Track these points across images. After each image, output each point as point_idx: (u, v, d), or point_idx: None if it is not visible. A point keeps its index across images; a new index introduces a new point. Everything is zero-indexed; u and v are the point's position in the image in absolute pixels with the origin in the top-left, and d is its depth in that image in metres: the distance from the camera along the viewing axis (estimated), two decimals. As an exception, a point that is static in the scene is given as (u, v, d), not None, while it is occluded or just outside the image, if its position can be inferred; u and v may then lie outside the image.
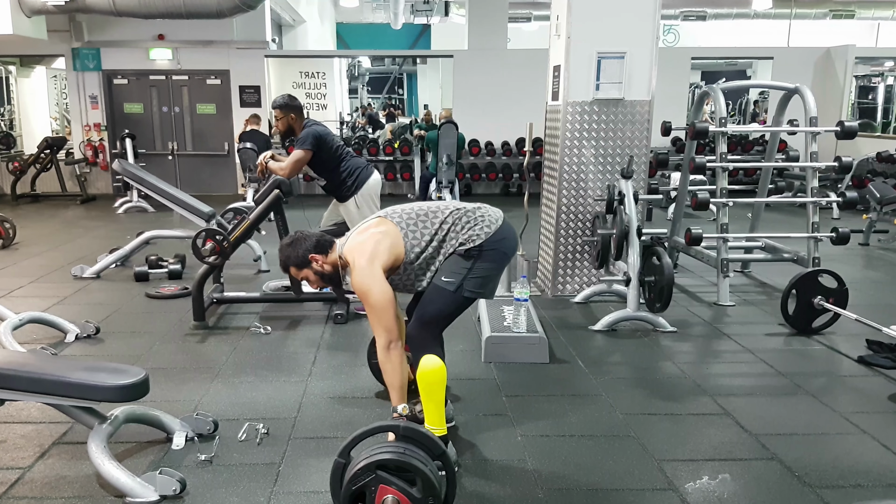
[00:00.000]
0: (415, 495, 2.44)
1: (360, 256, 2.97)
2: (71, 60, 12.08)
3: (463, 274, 3.04)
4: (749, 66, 17.12)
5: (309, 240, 3.11)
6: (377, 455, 2.48)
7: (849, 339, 4.73)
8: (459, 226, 3.09)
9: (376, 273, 2.93)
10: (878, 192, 7.98)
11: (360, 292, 2.93)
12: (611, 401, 3.79)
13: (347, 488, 2.47)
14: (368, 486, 2.45)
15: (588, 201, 5.69)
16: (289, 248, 3.12)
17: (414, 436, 2.55)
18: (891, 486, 2.94)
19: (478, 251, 3.06)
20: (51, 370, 2.94)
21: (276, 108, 5.16)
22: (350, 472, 2.48)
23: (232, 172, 12.32)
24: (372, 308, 2.91)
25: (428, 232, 3.07)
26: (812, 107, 5.74)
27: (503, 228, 3.17)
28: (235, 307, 5.48)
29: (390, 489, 2.44)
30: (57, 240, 8.35)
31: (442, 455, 2.54)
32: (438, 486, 2.48)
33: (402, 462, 2.45)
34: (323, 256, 3.10)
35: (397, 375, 2.89)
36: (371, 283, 2.90)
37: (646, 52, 5.47)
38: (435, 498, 2.46)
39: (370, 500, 2.46)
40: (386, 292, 2.93)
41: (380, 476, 2.45)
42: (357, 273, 2.94)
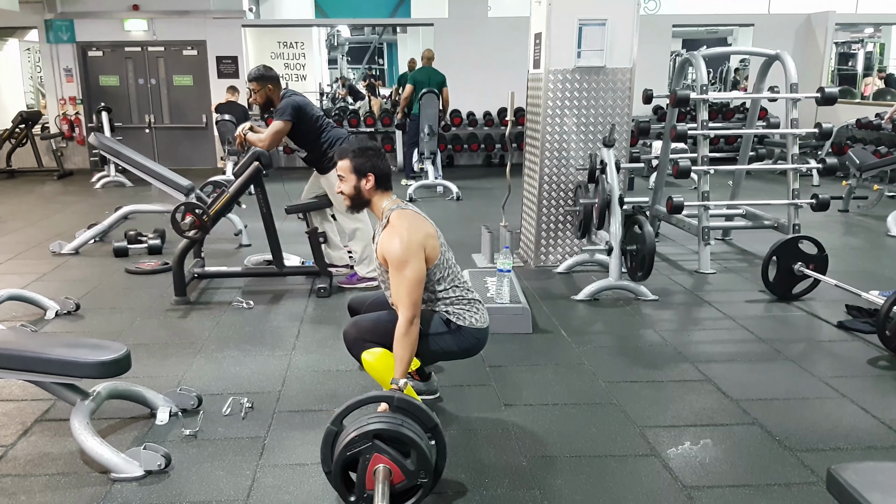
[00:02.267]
0: (408, 467, 2.45)
1: (416, 229, 2.92)
2: (44, 32, 11.85)
3: (434, 329, 3.04)
4: (730, 34, 17.06)
5: (383, 162, 3.06)
6: (375, 424, 2.48)
7: (828, 305, 4.79)
8: (460, 300, 3.10)
9: (420, 252, 2.89)
10: (858, 159, 8.03)
11: (398, 259, 2.86)
12: (593, 369, 3.82)
13: (342, 454, 2.46)
14: (363, 453, 2.45)
15: (570, 171, 5.68)
16: (364, 150, 3.06)
17: (408, 408, 2.55)
18: (869, 448, 2.99)
19: (456, 328, 3.06)
20: (31, 347, 2.92)
21: (252, 81, 5.06)
22: (345, 438, 2.48)
23: (211, 145, 12.20)
24: (406, 280, 2.85)
25: (441, 279, 3.05)
26: (793, 73, 5.74)
27: (485, 331, 3.17)
28: (217, 282, 5.45)
29: (384, 459, 2.45)
30: (34, 216, 8.25)
31: (434, 428, 2.55)
32: (431, 461, 2.49)
33: (399, 434, 2.46)
34: (375, 187, 3.04)
35: (409, 350, 2.85)
36: (413, 256, 2.86)
37: (627, 20, 5.43)
38: (427, 472, 2.48)
39: (362, 467, 2.46)
40: (422, 270, 2.89)
41: (376, 445, 2.45)
42: (402, 239, 2.87)
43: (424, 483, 2.49)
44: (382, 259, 2.98)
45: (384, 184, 3.06)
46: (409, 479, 2.47)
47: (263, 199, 5.10)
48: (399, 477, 2.46)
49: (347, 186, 3.06)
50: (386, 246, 2.92)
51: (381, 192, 3.07)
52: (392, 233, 2.91)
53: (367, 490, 2.46)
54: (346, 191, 3.07)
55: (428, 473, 2.48)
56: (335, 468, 2.50)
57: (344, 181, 3.07)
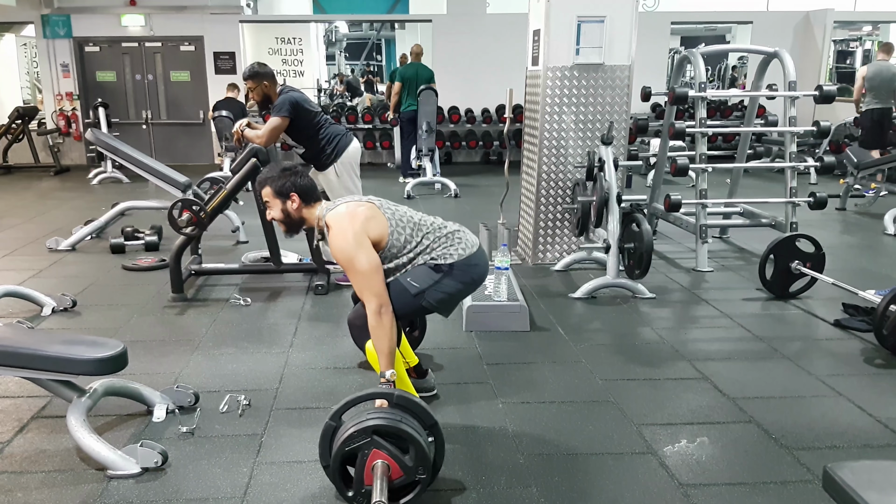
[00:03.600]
0: (406, 463, 2.45)
1: (349, 224, 2.93)
2: (41, 27, 11.81)
3: (429, 284, 3.04)
4: (728, 31, 17.06)
5: (303, 179, 3.07)
6: (374, 420, 2.48)
7: (825, 303, 4.79)
8: (437, 244, 3.08)
9: (363, 241, 2.90)
10: (856, 157, 8.02)
11: (345, 258, 2.89)
12: (590, 367, 3.82)
13: (340, 449, 2.46)
14: (362, 449, 2.45)
15: (568, 168, 5.68)
16: (279, 173, 3.07)
17: (408, 405, 2.55)
18: (866, 446, 3.00)
19: (448, 268, 3.05)
20: (28, 344, 2.91)
21: (247, 80, 5.03)
22: (343, 434, 2.48)
23: (208, 141, 12.18)
24: (359, 274, 2.88)
25: (408, 240, 3.05)
26: (791, 71, 5.74)
27: (477, 255, 3.15)
28: (214, 279, 5.44)
29: (383, 454, 2.45)
30: (31, 212, 8.23)
31: (433, 426, 2.55)
32: (430, 457, 2.49)
33: (399, 430, 2.45)
34: (303, 203, 3.06)
35: (387, 340, 2.85)
36: (357, 249, 2.88)
37: (626, 17, 5.43)
38: (426, 468, 2.48)
39: (361, 463, 2.46)
40: (373, 258, 2.90)
41: (375, 441, 2.44)
42: (341, 238, 2.90)
43: (423, 479, 2.49)
44: (339, 264, 3.01)
45: (309, 198, 3.08)
46: (408, 475, 2.47)
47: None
48: (397, 473, 2.46)
49: (276, 212, 3.08)
50: (333, 250, 2.96)
51: (310, 207, 3.09)
52: (333, 236, 2.95)
53: (366, 485, 2.46)
54: (276, 216, 3.10)
55: (426, 470, 2.48)
56: (333, 463, 2.50)
57: (271, 208, 3.09)
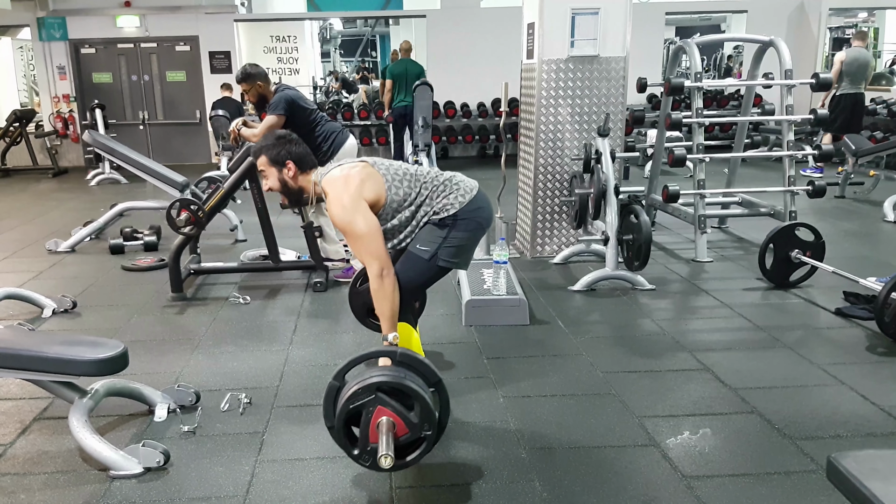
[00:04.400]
0: (412, 420, 2.42)
1: (345, 188, 2.87)
2: (36, 30, 11.80)
3: (438, 243, 2.98)
4: (723, 21, 17.01)
5: (298, 146, 3.04)
6: (378, 377, 2.45)
7: (826, 292, 4.79)
8: (435, 193, 3.02)
9: (360, 204, 2.85)
10: (854, 145, 8.01)
11: (343, 222, 2.84)
12: (591, 360, 3.82)
13: (345, 407, 2.43)
14: (367, 406, 2.42)
15: (565, 161, 5.67)
16: (274, 141, 3.03)
17: (411, 362, 2.52)
18: (869, 435, 2.99)
19: (452, 220, 2.99)
20: (28, 346, 2.90)
21: (241, 82, 5.13)
22: (348, 391, 2.44)
23: (205, 141, 12.16)
24: (359, 238, 2.83)
25: (407, 193, 2.99)
26: (787, 59, 5.73)
27: (478, 198, 3.08)
28: (213, 277, 5.43)
29: (388, 411, 2.41)
30: (30, 214, 8.23)
31: (438, 383, 2.51)
32: (435, 414, 2.46)
33: (403, 386, 2.42)
34: (299, 170, 3.02)
35: (389, 303, 2.81)
36: (354, 213, 2.83)
37: (620, 8, 5.41)
38: (431, 424, 2.44)
39: (365, 421, 2.42)
40: (371, 220, 2.85)
41: (379, 398, 2.41)
42: (338, 203, 2.85)
43: (428, 436, 2.46)
44: (338, 229, 2.97)
45: (305, 165, 3.03)
46: (413, 432, 2.44)
47: (258, 194, 5.08)
48: (403, 430, 2.43)
49: (273, 181, 3.04)
50: (331, 216, 2.90)
51: (306, 174, 3.04)
52: (330, 202, 2.89)
53: (371, 443, 2.42)
54: (273, 186, 3.05)
55: (432, 426, 2.44)
56: (338, 422, 2.46)
57: (267, 178, 3.05)
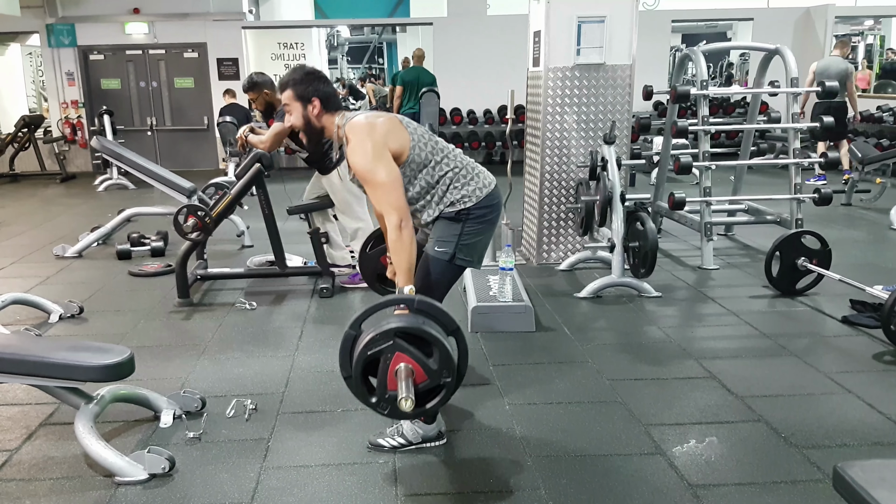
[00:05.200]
0: (431, 366, 2.38)
1: (369, 134, 2.77)
2: (46, 37, 11.87)
3: (454, 241, 2.88)
4: (729, 28, 17.02)
5: (326, 85, 2.92)
6: (396, 322, 2.41)
7: (832, 300, 4.77)
8: (458, 177, 2.91)
9: (384, 153, 2.74)
10: (860, 152, 8.00)
11: (363, 169, 2.74)
12: (597, 367, 3.81)
13: (362, 353, 2.38)
14: (384, 352, 2.38)
15: (571, 168, 5.67)
16: (303, 76, 2.91)
17: (429, 310, 2.47)
18: (876, 444, 2.98)
19: (466, 214, 2.90)
20: (35, 351, 2.92)
21: (248, 91, 5.18)
22: (365, 338, 2.40)
23: (212, 147, 12.20)
24: (380, 186, 2.73)
25: (429, 157, 2.87)
26: (793, 67, 5.73)
27: (494, 193, 2.99)
28: (220, 283, 5.44)
29: (406, 357, 2.37)
30: (37, 219, 8.26)
31: (456, 331, 2.47)
32: (454, 360, 2.42)
33: (421, 331, 2.37)
34: (324, 110, 2.89)
35: (407, 255, 2.70)
36: (376, 161, 2.72)
37: (626, 16, 5.42)
38: (450, 371, 2.40)
39: (384, 368, 2.38)
40: (393, 171, 2.75)
41: (397, 343, 2.37)
42: (360, 150, 2.75)
43: (448, 383, 2.42)
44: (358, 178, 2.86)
45: (331, 105, 2.91)
46: (432, 379, 2.40)
47: (265, 200, 5.10)
48: (421, 377, 2.39)
49: (296, 117, 2.92)
50: (352, 162, 2.80)
51: (330, 115, 2.92)
52: (352, 148, 2.79)
53: (389, 391, 2.38)
54: (296, 122, 2.94)
55: (451, 373, 2.40)
56: (355, 371, 2.42)
57: (291, 113, 2.93)
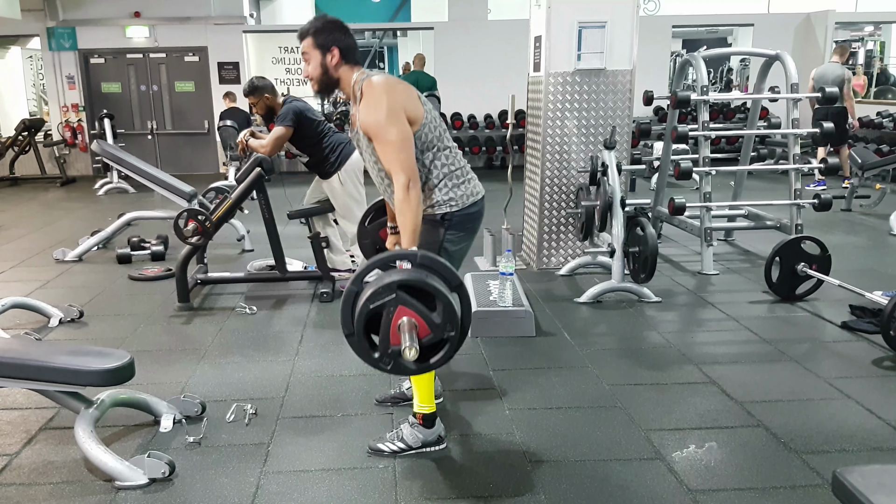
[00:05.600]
0: (434, 320, 2.35)
1: (386, 93, 2.72)
2: (46, 40, 11.90)
3: (435, 250, 2.82)
4: (730, 34, 17.05)
5: (347, 37, 2.86)
6: (398, 275, 2.38)
7: (832, 305, 4.77)
8: (453, 175, 2.89)
9: (398, 113, 2.70)
10: (860, 158, 8.01)
11: (375, 125, 2.70)
12: (597, 372, 3.81)
13: (364, 307, 2.35)
14: (387, 306, 2.34)
15: (572, 173, 5.68)
16: (326, 24, 2.85)
17: (432, 265, 2.44)
18: (875, 449, 2.98)
19: (449, 219, 2.88)
20: (35, 355, 2.92)
21: (248, 96, 5.18)
22: (367, 292, 2.36)
23: (213, 151, 12.22)
24: (391, 144, 2.68)
25: (435, 141, 2.85)
26: (793, 73, 5.74)
27: (479, 203, 2.98)
28: (220, 287, 5.45)
29: (409, 311, 2.34)
30: (37, 223, 8.27)
31: (459, 286, 2.45)
32: (458, 314, 2.39)
33: (425, 284, 2.34)
34: (343, 60, 2.83)
35: (413, 216, 2.67)
36: (389, 118, 2.68)
37: (627, 21, 5.43)
38: (454, 325, 2.37)
39: (386, 321, 2.35)
40: (405, 130, 2.71)
41: (400, 297, 2.33)
42: (374, 106, 2.70)
43: (451, 337, 2.39)
44: (365, 135, 2.79)
45: (350, 57, 2.86)
46: (436, 333, 2.37)
47: (265, 204, 5.10)
48: (425, 331, 2.36)
49: (313, 66, 2.85)
50: (364, 118, 2.75)
51: (349, 67, 2.86)
52: (367, 103, 2.74)
53: (392, 345, 2.36)
54: (313, 71, 2.87)
55: (455, 327, 2.37)
56: (357, 326, 2.39)
57: (309, 61, 2.87)
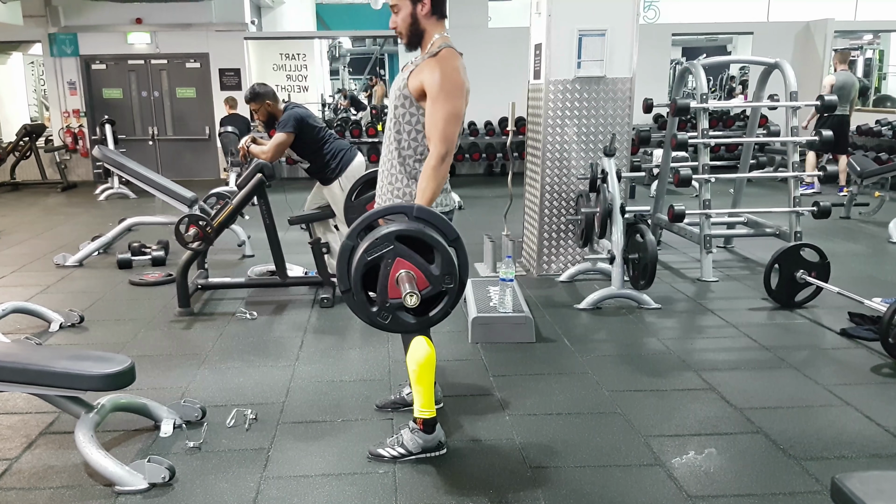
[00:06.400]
0: (432, 272, 2.33)
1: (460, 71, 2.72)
2: (48, 46, 11.92)
3: None
4: (729, 42, 17.10)
5: None
6: (396, 226, 2.35)
7: (831, 312, 4.78)
8: None
9: (462, 92, 2.70)
10: (859, 166, 8.03)
11: (441, 90, 2.64)
12: (597, 378, 3.82)
13: (361, 259, 2.32)
14: (385, 258, 2.32)
15: (571, 180, 5.69)
16: None
17: (429, 218, 2.42)
18: (874, 456, 2.99)
19: None
20: (35, 360, 2.92)
21: (250, 102, 5.21)
22: (364, 244, 2.34)
23: (213, 157, 12.24)
24: (447, 113, 2.64)
25: None
26: (792, 81, 5.76)
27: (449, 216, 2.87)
28: (220, 293, 5.45)
29: (407, 263, 2.32)
30: (38, 228, 8.27)
31: (456, 240, 2.43)
32: (456, 265, 2.37)
33: (422, 234, 2.32)
34: (432, 12, 2.80)
35: (435, 187, 2.63)
36: (459, 93, 2.67)
37: (626, 29, 5.46)
38: (452, 276, 2.36)
39: (384, 274, 2.33)
40: (462, 108, 2.70)
41: (398, 248, 2.31)
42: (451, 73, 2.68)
43: (450, 289, 2.38)
44: (418, 88, 2.72)
45: (439, 9, 2.81)
46: (434, 285, 2.36)
47: (266, 210, 5.12)
48: (423, 283, 2.35)
49: (403, 16, 2.79)
50: (427, 74, 2.69)
51: (437, 21, 2.82)
52: (443, 64, 2.69)
53: (390, 299, 2.34)
54: (402, 21, 2.80)
55: (453, 279, 2.35)
56: (354, 279, 2.36)
57: (398, 11, 2.80)
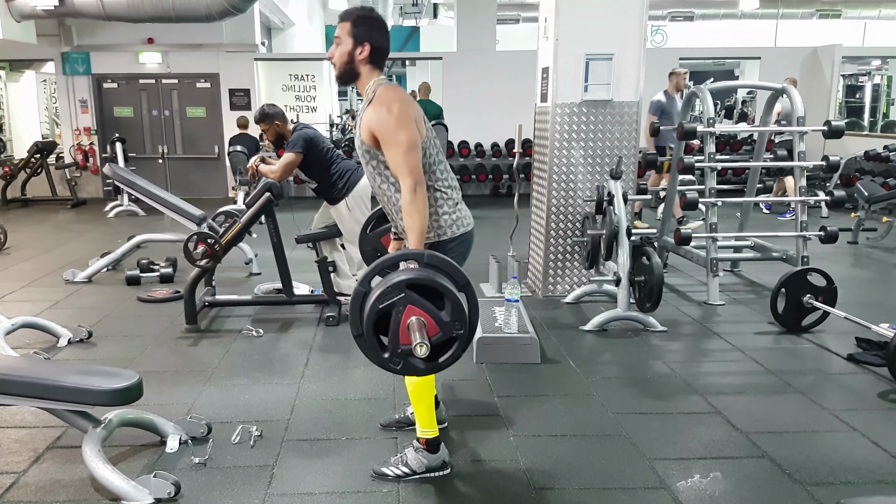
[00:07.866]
0: (443, 318, 2.37)
1: (398, 102, 2.72)
2: (61, 65, 12.07)
3: None
4: (737, 66, 17.19)
5: (383, 41, 2.83)
6: (406, 275, 2.40)
7: (838, 337, 4.77)
8: (447, 200, 2.90)
9: (409, 120, 2.69)
10: (866, 191, 8.03)
11: (385, 127, 2.68)
12: (602, 400, 3.81)
13: (373, 307, 2.37)
14: (396, 305, 2.36)
15: (577, 202, 5.71)
16: (368, 18, 2.80)
17: (439, 264, 2.46)
18: (880, 482, 2.98)
19: (435, 245, 2.83)
20: (44, 374, 2.95)
21: (259, 123, 5.25)
22: (376, 292, 2.38)
23: (222, 175, 12.31)
24: (399, 146, 2.66)
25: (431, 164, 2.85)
26: (799, 107, 5.78)
27: (469, 235, 2.96)
28: (227, 310, 5.48)
29: (418, 310, 2.37)
30: (48, 244, 8.33)
31: (466, 286, 2.46)
32: (466, 312, 2.40)
33: (433, 282, 2.36)
34: (370, 59, 2.80)
35: (420, 217, 2.65)
36: (403, 122, 2.67)
37: (633, 54, 5.50)
38: (462, 322, 2.39)
39: (395, 321, 2.37)
40: (413, 135, 2.69)
41: (409, 295, 2.35)
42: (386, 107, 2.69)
43: (460, 335, 2.41)
44: (369, 136, 2.74)
45: (378, 60, 2.83)
46: (444, 331, 2.39)
47: (274, 228, 5.15)
48: (434, 329, 2.38)
49: (340, 52, 2.81)
50: (373, 118, 2.71)
51: (372, 68, 2.83)
52: (380, 104, 2.72)
53: (402, 345, 2.38)
54: (339, 56, 2.82)
55: (463, 325, 2.39)
56: (367, 326, 2.41)
57: (339, 45, 2.82)
